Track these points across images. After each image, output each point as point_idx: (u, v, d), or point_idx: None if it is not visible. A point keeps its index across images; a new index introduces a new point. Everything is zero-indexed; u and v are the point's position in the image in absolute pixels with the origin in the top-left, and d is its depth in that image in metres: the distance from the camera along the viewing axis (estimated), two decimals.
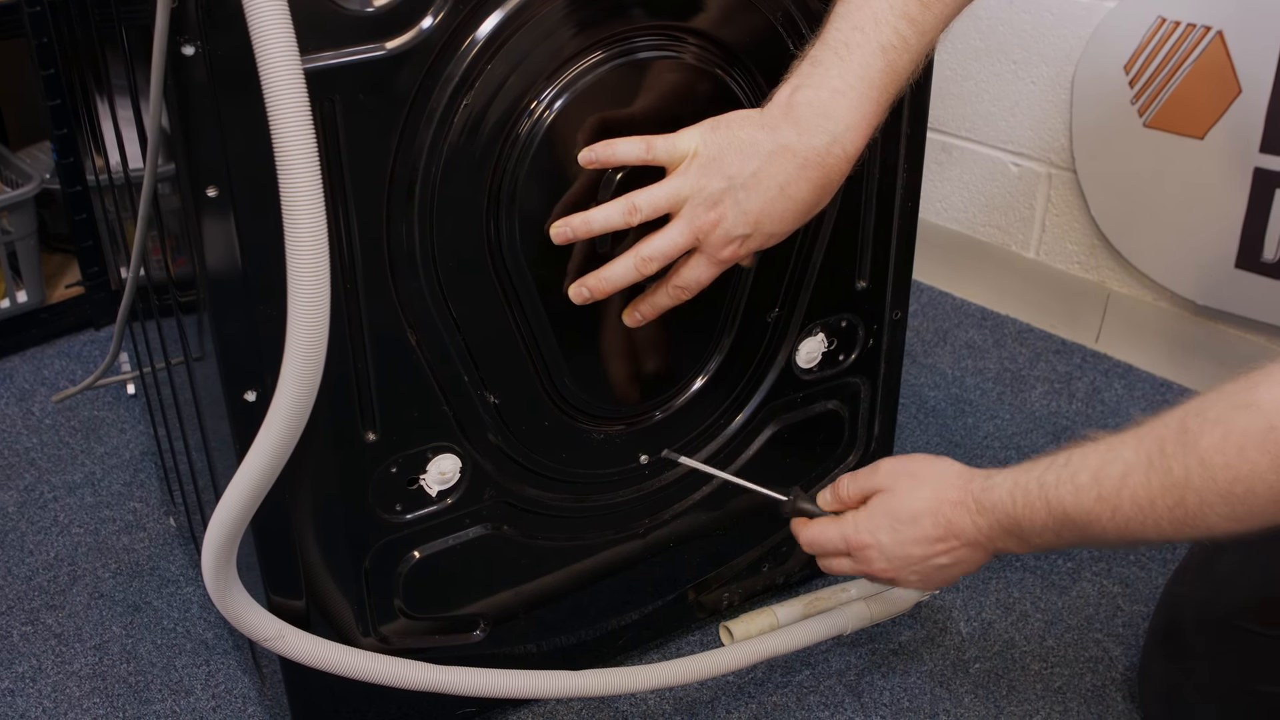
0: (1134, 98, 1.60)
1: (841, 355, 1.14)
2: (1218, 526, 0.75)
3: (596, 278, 0.90)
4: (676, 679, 1.05)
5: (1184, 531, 0.77)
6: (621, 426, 1.05)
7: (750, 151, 0.84)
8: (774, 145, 0.84)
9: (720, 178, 0.85)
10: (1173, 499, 0.76)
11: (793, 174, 0.84)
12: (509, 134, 0.87)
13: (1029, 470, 0.87)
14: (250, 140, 0.77)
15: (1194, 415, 0.75)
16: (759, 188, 0.85)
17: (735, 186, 0.85)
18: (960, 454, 1.53)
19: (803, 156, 0.84)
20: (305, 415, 0.79)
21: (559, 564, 1.09)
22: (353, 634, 1.00)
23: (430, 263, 0.88)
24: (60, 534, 1.43)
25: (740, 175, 0.85)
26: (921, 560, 0.93)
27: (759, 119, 0.85)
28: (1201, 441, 0.73)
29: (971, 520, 0.90)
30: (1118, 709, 1.16)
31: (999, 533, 0.89)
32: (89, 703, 1.19)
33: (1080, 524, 0.82)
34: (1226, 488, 0.72)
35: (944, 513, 0.91)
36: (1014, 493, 0.87)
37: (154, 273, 1.03)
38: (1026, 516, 0.86)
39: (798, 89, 0.84)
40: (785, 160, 0.84)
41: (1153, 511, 0.77)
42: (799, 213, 0.87)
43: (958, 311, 1.89)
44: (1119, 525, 0.80)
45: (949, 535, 0.91)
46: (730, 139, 0.85)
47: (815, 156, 0.84)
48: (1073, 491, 0.82)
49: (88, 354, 1.79)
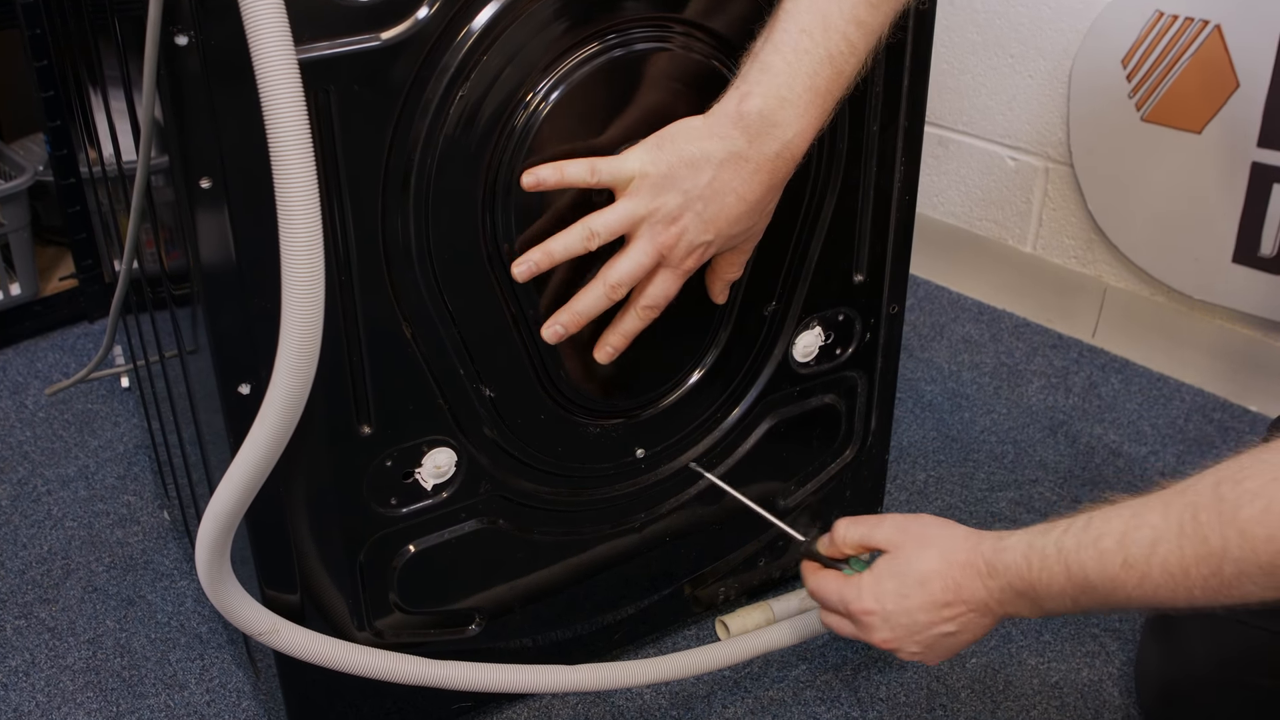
0: (1131, 92, 1.59)
1: (838, 349, 1.14)
2: (1254, 595, 0.73)
3: (569, 313, 0.91)
4: (672, 674, 1.05)
5: (1217, 599, 0.75)
6: (618, 420, 1.04)
7: (702, 163, 0.85)
8: (725, 154, 0.85)
9: (676, 194, 0.86)
10: (1208, 569, 0.74)
11: (746, 179, 0.86)
12: (505, 126, 0.86)
13: (1045, 533, 0.84)
14: (244, 131, 0.76)
15: (1230, 483, 0.73)
16: (715, 197, 0.86)
17: (692, 199, 0.86)
18: (957, 448, 1.53)
19: (755, 163, 0.86)
20: (299, 408, 0.79)
21: (555, 558, 1.09)
22: (347, 628, 1.00)
23: (426, 255, 0.87)
24: (54, 528, 1.42)
25: (695, 188, 0.86)
26: (926, 628, 0.89)
27: (706, 129, 0.86)
28: (1241, 513, 0.72)
29: (982, 583, 0.87)
30: (1114, 703, 1.16)
31: (1010, 596, 0.86)
32: (82, 697, 1.19)
33: (1103, 591, 0.80)
34: (1268, 560, 0.71)
35: (953, 575, 0.88)
36: (1029, 556, 0.84)
37: (148, 265, 1.02)
38: (1043, 581, 0.83)
39: (746, 97, 0.85)
40: (738, 167, 0.86)
41: (1185, 580, 0.75)
42: (753, 213, 0.89)
43: (954, 306, 1.89)
44: (1146, 593, 0.77)
45: (957, 600, 0.88)
46: (678, 154, 0.86)
47: (766, 162, 0.86)
48: (1095, 557, 0.80)
49: (82, 347, 1.79)
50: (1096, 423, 1.59)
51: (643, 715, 1.15)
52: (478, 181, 0.87)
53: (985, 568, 0.87)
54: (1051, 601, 0.84)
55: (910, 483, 1.47)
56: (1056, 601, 0.84)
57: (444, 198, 0.86)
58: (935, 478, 1.48)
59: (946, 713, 1.15)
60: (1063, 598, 0.83)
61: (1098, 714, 1.15)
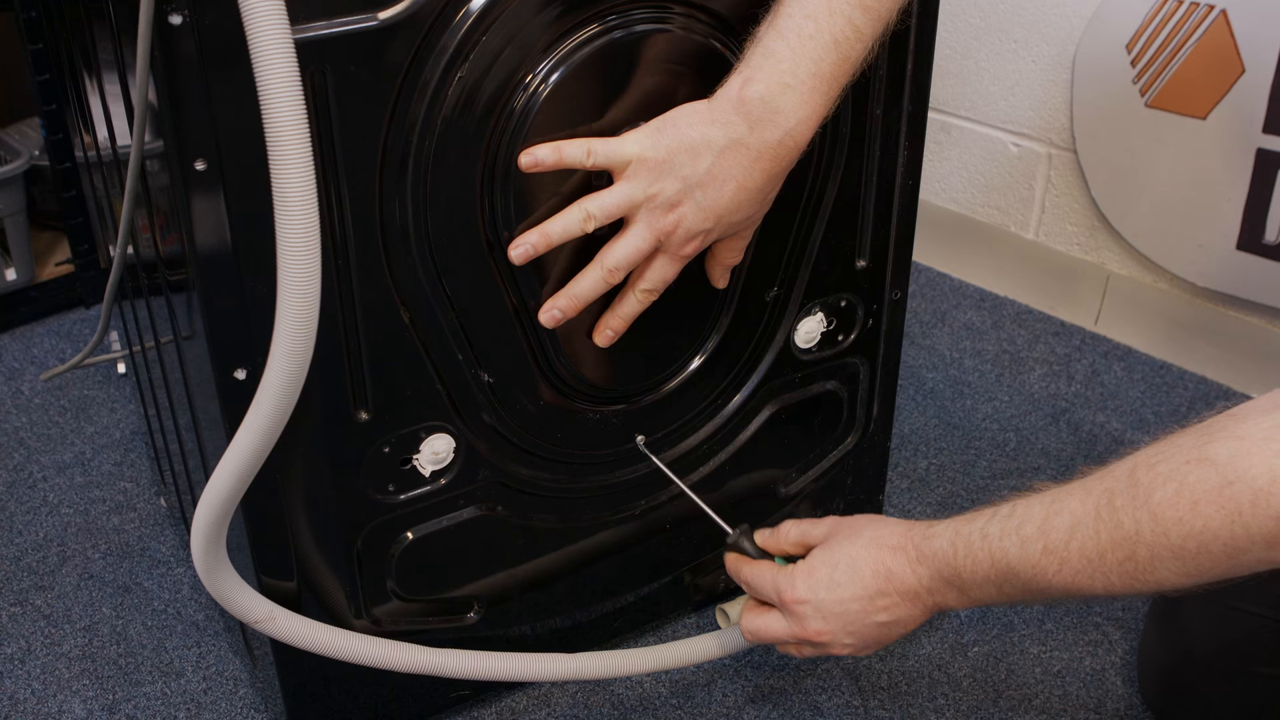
0: (1136, 77, 1.58)
1: (841, 335, 1.13)
2: (1168, 581, 0.74)
3: (566, 297, 0.90)
4: (672, 662, 1.05)
5: (1133, 585, 0.76)
6: (617, 407, 1.03)
7: (702, 149, 0.84)
8: (726, 141, 0.84)
9: (674, 179, 0.85)
10: (1123, 553, 0.75)
11: (746, 167, 0.85)
12: (504, 108, 0.85)
13: (971, 520, 0.85)
14: (239, 112, 0.75)
15: (1144, 468, 0.74)
16: (714, 184, 0.85)
17: (691, 186, 0.85)
18: (958, 436, 1.52)
19: (756, 150, 0.84)
20: (295, 394, 0.78)
21: (554, 545, 1.08)
22: (345, 616, 0.99)
23: (424, 240, 0.86)
24: (49, 514, 1.41)
25: (695, 175, 0.84)
26: (859, 617, 0.90)
27: (708, 114, 0.84)
28: (1154, 496, 0.73)
29: (911, 569, 0.88)
30: (1117, 692, 1.15)
31: (939, 583, 0.87)
32: (78, 684, 1.18)
33: (1025, 577, 0.81)
34: (1179, 543, 0.72)
35: (883, 560, 0.89)
36: (955, 542, 0.85)
37: (143, 250, 1.01)
38: (968, 567, 0.84)
39: (749, 82, 0.83)
40: (739, 155, 0.84)
41: (1102, 565, 0.76)
42: (754, 202, 0.87)
43: (956, 293, 1.88)
44: (1065, 579, 0.78)
45: (888, 587, 0.89)
46: (679, 139, 0.84)
47: (768, 150, 0.84)
48: (1018, 543, 0.81)
49: (78, 332, 1.78)
50: (1099, 410, 1.58)
51: (643, 704, 1.15)
52: (476, 165, 0.86)
53: (915, 553, 0.88)
54: (977, 589, 0.85)
55: (911, 470, 1.46)
56: (982, 590, 0.84)
57: (442, 181, 0.85)
58: (937, 465, 1.47)
59: (949, 701, 1.14)
60: (987, 585, 0.84)
61: (1100, 703, 1.14)
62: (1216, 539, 0.70)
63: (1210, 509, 0.70)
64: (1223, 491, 0.70)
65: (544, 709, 1.14)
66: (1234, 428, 0.71)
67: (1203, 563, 0.72)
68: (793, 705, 1.14)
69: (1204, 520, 0.70)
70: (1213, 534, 0.70)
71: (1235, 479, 0.69)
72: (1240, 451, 0.70)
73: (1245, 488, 0.69)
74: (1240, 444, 0.70)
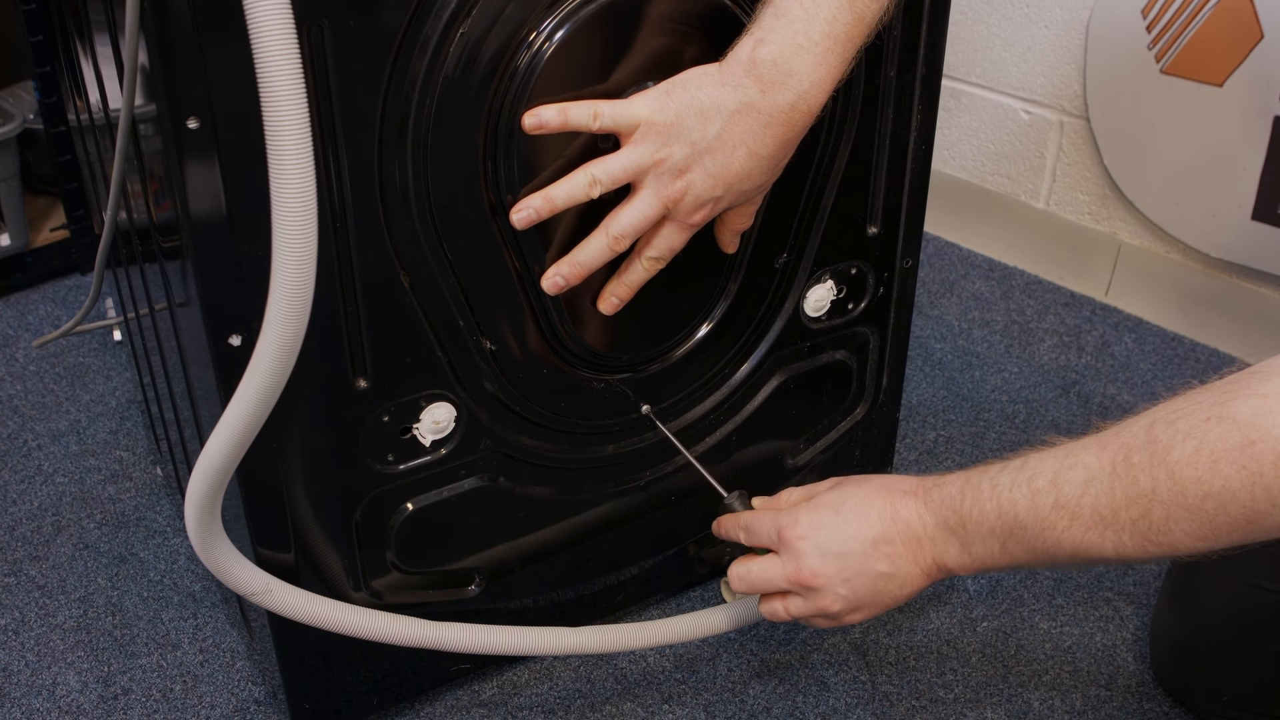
0: (1151, 43, 1.55)
1: (850, 304, 1.11)
2: (1182, 544, 0.72)
3: (570, 264, 0.88)
4: (677, 636, 1.03)
5: (1145, 547, 0.73)
6: (623, 375, 1.01)
7: (712, 113, 0.81)
8: (737, 104, 0.81)
9: (683, 144, 0.82)
10: (1137, 511, 0.72)
11: (758, 132, 0.82)
12: (507, 66, 0.82)
13: (983, 471, 0.83)
14: (232, 68, 0.72)
15: (1163, 424, 0.72)
16: (724, 149, 0.82)
17: (700, 151, 0.82)
18: (967, 407, 1.50)
19: (767, 115, 0.81)
20: (291, 359, 0.76)
21: (557, 517, 1.06)
22: (343, 588, 0.97)
23: (424, 202, 0.84)
24: (44, 483, 1.39)
25: (704, 139, 0.82)
26: (858, 562, 0.86)
27: (719, 77, 0.82)
28: (1172, 453, 0.70)
29: (918, 514, 0.85)
30: (1128, 669, 1.14)
31: (943, 532, 0.84)
32: (73, 656, 1.16)
33: (1032, 531, 0.78)
34: (1197, 503, 0.69)
35: (892, 503, 0.86)
36: (964, 489, 0.82)
37: (137, 216, 0.99)
38: (974, 516, 0.81)
39: (760, 43, 0.80)
40: (749, 119, 0.81)
41: (1115, 523, 0.73)
42: (765, 169, 0.85)
43: (965, 262, 1.86)
44: (1075, 536, 0.76)
45: (893, 533, 0.85)
46: (688, 102, 0.82)
47: (780, 115, 0.81)
48: (1028, 495, 0.78)
49: (73, 299, 1.75)
50: (1109, 382, 1.56)
51: (646, 678, 1.13)
52: (479, 125, 0.83)
53: (924, 497, 0.85)
54: (980, 544, 0.82)
55: (920, 442, 1.44)
56: (984, 545, 0.82)
57: (443, 142, 0.82)
58: (945, 437, 1.45)
59: (957, 677, 1.13)
60: (991, 539, 0.81)
61: (1111, 679, 1.13)
62: (1236, 500, 0.68)
63: (1230, 469, 0.68)
64: (1244, 451, 0.67)
65: (546, 683, 1.13)
66: (1257, 385, 0.69)
67: (1220, 525, 0.70)
68: (799, 680, 1.13)
69: (1223, 480, 0.68)
70: (1232, 495, 0.68)
71: (1257, 438, 0.67)
72: (1263, 410, 0.68)
73: (1267, 448, 0.67)
74: (1263, 402, 0.68)
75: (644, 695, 1.12)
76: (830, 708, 1.10)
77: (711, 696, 1.11)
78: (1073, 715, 1.09)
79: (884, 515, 0.86)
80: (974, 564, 0.84)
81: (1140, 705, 1.10)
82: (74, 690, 1.13)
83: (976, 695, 1.11)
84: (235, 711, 1.10)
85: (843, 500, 0.89)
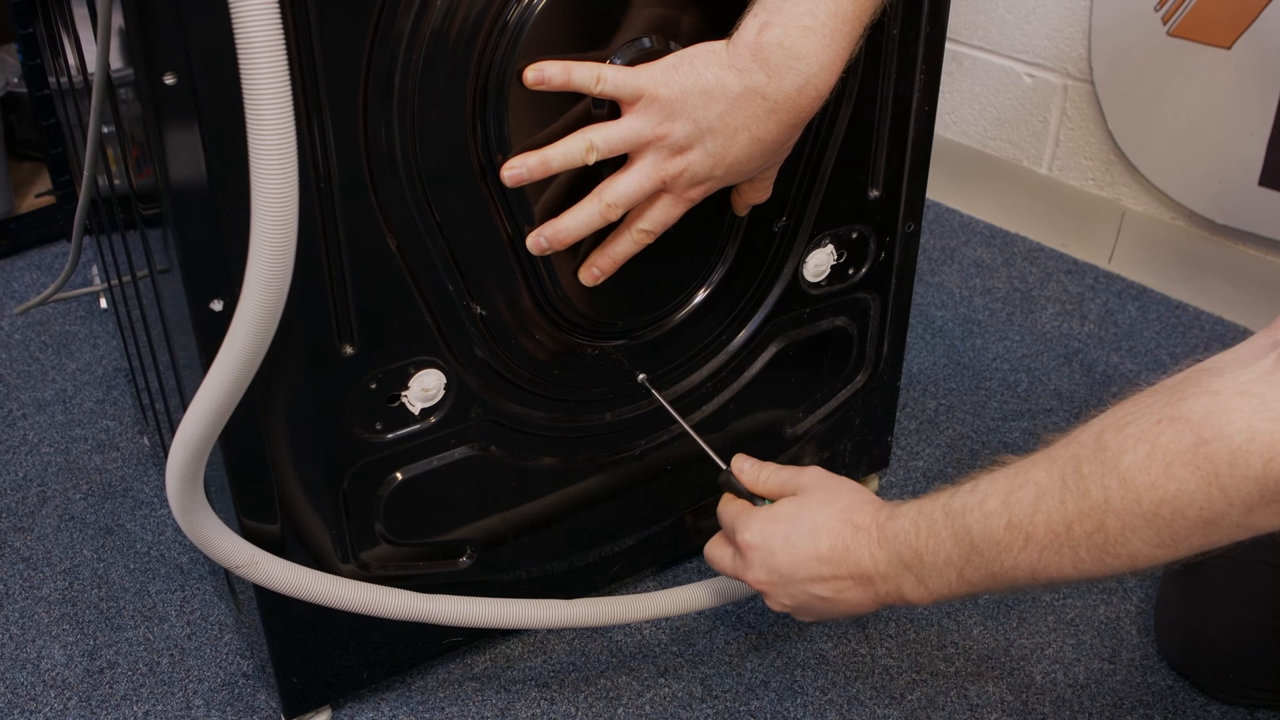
0: (1158, 4, 1.52)
1: (851, 269, 1.08)
2: (1141, 553, 0.69)
3: (555, 228, 0.85)
4: (673, 609, 1.02)
5: (1105, 561, 0.70)
6: (618, 342, 0.99)
7: (716, 94, 0.79)
8: (742, 88, 0.78)
9: (685, 122, 0.80)
10: (1092, 524, 0.69)
11: (762, 117, 0.79)
12: (496, 21, 0.79)
13: (934, 499, 0.80)
14: (211, 20, 0.69)
15: (1113, 430, 0.69)
16: (727, 132, 0.80)
17: (702, 131, 0.80)
18: (968, 376, 1.48)
19: (773, 100, 0.79)
20: (273, 324, 0.73)
21: (550, 487, 1.04)
22: (331, 560, 0.95)
23: (411, 162, 0.81)
24: (29, 453, 1.37)
25: (706, 120, 0.80)
26: (800, 583, 0.86)
27: (725, 58, 0.79)
28: (1123, 460, 0.67)
29: (869, 552, 0.83)
30: (1132, 642, 1.12)
31: (896, 568, 0.82)
32: (58, 629, 1.14)
33: (989, 556, 0.75)
34: (1152, 510, 0.66)
35: (845, 536, 0.84)
36: (917, 521, 0.80)
37: (118, 181, 0.96)
38: (929, 548, 0.79)
39: (767, 26, 0.77)
40: (754, 104, 0.79)
41: (1069, 538, 0.71)
42: (768, 153, 0.83)
43: (966, 229, 1.83)
44: (1031, 557, 0.73)
45: (841, 568, 0.84)
46: (694, 80, 0.79)
47: (786, 100, 0.79)
48: (981, 519, 0.75)
49: (59, 266, 1.73)
50: (1113, 351, 1.53)
51: (642, 650, 1.11)
52: (467, 82, 0.80)
53: (877, 534, 0.83)
54: (937, 576, 0.80)
55: (920, 411, 1.42)
56: (942, 574, 0.79)
57: (431, 99, 0.80)
58: (946, 406, 1.43)
59: (959, 650, 1.11)
60: (948, 569, 0.79)
61: (1115, 652, 1.11)
62: (1192, 504, 0.65)
63: (1185, 471, 0.65)
64: (1197, 451, 0.64)
65: (540, 656, 1.11)
66: (1208, 382, 0.66)
67: (1178, 530, 0.66)
68: (798, 653, 1.11)
69: (1178, 484, 0.65)
70: (1188, 498, 0.65)
71: (1211, 437, 0.64)
72: (1215, 408, 0.64)
73: (1221, 447, 0.63)
74: (1215, 399, 0.64)
75: (640, 669, 1.10)
76: (829, 681, 1.08)
77: (708, 670, 1.10)
78: (1076, 689, 1.07)
79: (834, 548, 0.85)
80: (931, 595, 0.82)
81: (1144, 679, 1.08)
82: (59, 664, 1.11)
83: (978, 668, 1.09)
84: (223, 685, 1.09)
85: (799, 519, 0.87)
